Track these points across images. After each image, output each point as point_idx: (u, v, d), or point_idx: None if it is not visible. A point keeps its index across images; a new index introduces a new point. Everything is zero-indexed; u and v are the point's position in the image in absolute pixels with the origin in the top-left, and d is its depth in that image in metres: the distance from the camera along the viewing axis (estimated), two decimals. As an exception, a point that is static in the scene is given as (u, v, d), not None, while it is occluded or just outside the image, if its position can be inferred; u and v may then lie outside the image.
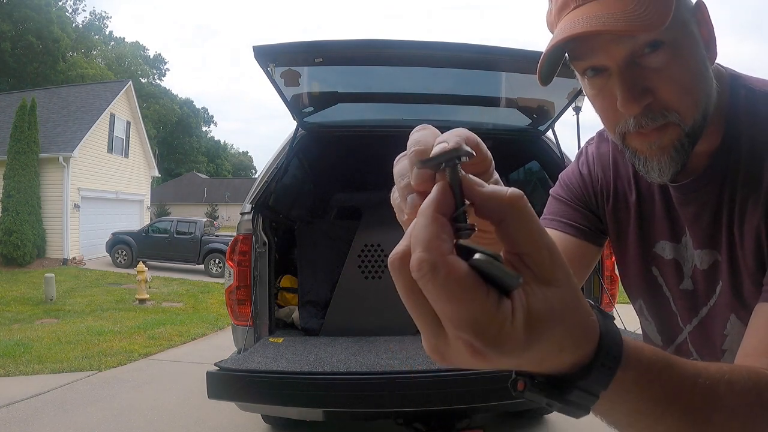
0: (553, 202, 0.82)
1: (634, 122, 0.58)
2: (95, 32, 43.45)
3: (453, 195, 0.31)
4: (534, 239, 0.31)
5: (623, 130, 0.61)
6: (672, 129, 0.58)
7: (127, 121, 18.51)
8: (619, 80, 0.57)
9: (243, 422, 3.30)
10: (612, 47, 0.56)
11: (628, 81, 0.56)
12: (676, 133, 0.59)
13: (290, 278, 3.09)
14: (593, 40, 0.56)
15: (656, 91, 0.57)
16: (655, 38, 0.54)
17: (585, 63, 0.59)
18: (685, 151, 0.60)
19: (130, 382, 4.37)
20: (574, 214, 0.79)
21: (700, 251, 0.68)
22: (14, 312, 8.12)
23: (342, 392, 1.93)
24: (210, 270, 13.45)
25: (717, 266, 0.66)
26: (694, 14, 0.59)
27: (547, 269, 0.31)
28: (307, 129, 2.83)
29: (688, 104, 0.58)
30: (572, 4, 0.56)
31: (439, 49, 2.21)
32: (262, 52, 2.08)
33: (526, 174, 4.01)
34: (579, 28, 0.53)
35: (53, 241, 14.67)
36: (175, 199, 39.66)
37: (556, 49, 0.57)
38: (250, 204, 2.57)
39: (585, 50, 0.58)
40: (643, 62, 0.56)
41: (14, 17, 29.65)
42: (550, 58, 0.58)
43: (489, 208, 0.31)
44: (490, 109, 2.95)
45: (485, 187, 0.31)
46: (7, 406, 3.68)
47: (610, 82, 0.58)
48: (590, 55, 0.58)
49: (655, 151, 0.60)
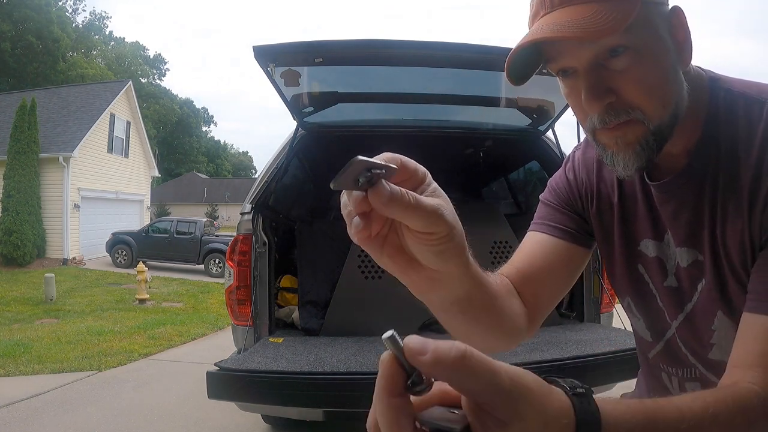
0: (542, 206, 0.85)
1: (599, 118, 0.62)
2: (95, 32, 43.44)
3: (401, 365, 0.33)
4: (484, 389, 0.33)
5: (591, 127, 0.64)
6: (636, 126, 0.61)
7: (127, 121, 18.51)
8: (583, 80, 0.61)
9: (243, 422, 3.30)
10: (577, 51, 0.60)
11: (591, 81, 0.61)
12: (641, 130, 0.61)
13: (290, 278, 3.09)
14: (561, 44, 0.61)
15: (619, 91, 0.60)
16: (618, 43, 0.58)
17: (556, 65, 0.64)
18: (651, 148, 0.62)
19: (130, 382, 4.37)
20: (561, 218, 0.81)
21: (681, 249, 0.70)
22: (14, 312, 8.12)
23: (342, 392, 1.93)
24: (210, 270, 13.45)
25: (698, 265, 0.68)
26: (669, 19, 0.61)
27: (504, 411, 0.33)
28: (307, 129, 2.83)
29: (654, 104, 0.60)
30: (541, 12, 0.61)
31: (439, 49, 2.21)
32: (262, 52, 2.08)
33: (526, 174, 4.01)
34: (539, 34, 0.58)
35: (53, 241, 14.67)
36: (175, 199, 39.65)
37: (524, 51, 0.61)
38: (250, 204, 2.57)
39: (555, 53, 0.62)
40: (607, 65, 0.60)
41: (14, 17, 29.64)
42: (519, 59, 0.63)
43: (437, 374, 0.33)
44: (490, 109, 2.95)
45: (426, 354, 0.32)
46: (7, 406, 3.68)
47: (578, 83, 0.62)
48: (560, 57, 0.62)
49: (621, 146, 0.63)
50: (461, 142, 3.47)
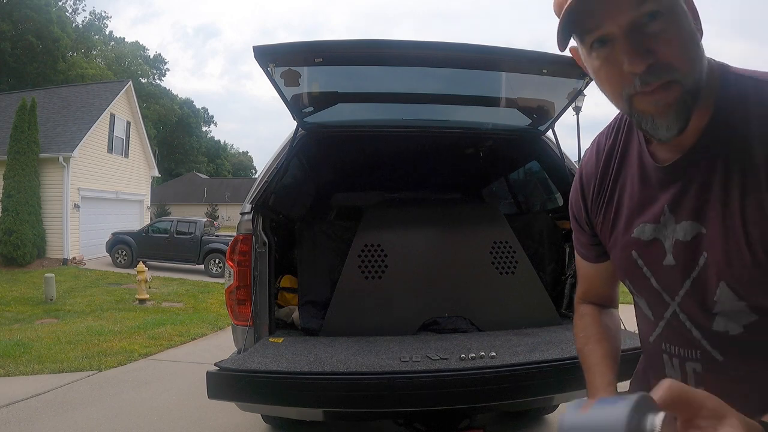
0: (573, 227, 0.97)
1: (640, 81, 0.65)
2: (95, 32, 43.42)
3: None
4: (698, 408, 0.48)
5: (630, 93, 0.67)
6: (674, 87, 0.65)
7: (127, 121, 18.50)
8: (625, 43, 0.65)
9: (243, 422, 3.30)
10: (616, 16, 0.64)
11: (633, 42, 0.64)
12: (679, 91, 0.65)
13: (290, 278, 3.09)
14: (600, 13, 0.65)
15: (657, 53, 0.64)
16: (654, 9, 0.63)
17: (592, 35, 0.67)
18: (688, 107, 0.66)
19: (130, 382, 4.37)
20: (584, 238, 0.94)
21: (684, 223, 0.73)
22: (14, 312, 8.12)
23: (342, 392, 1.92)
24: (210, 270, 13.45)
25: (700, 238, 0.71)
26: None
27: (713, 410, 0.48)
28: (307, 129, 2.83)
29: (687, 63, 0.65)
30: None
31: (440, 49, 2.21)
32: (262, 52, 2.08)
33: (526, 174, 4.01)
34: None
35: (53, 241, 14.67)
36: (175, 199, 39.66)
37: (569, 19, 0.66)
38: (250, 204, 2.57)
39: (592, 22, 0.66)
40: (644, 29, 0.64)
41: (14, 17, 29.64)
42: (565, 26, 0.67)
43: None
44: (490, 109, 2.95)
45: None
46: (7, 406, 3.68)
47: (615, 50, 0.66)
48: (597, 25, 0.66)
49: (662, 108, 0.66)
50: (461, 142, 3.47)
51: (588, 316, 0.95)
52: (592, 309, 0.96)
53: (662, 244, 0.76)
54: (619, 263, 0.85)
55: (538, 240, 3.04)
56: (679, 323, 0.78)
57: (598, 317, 0.94)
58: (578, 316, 0.97)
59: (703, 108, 0.68)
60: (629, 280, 0.84)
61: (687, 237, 0.72)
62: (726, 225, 0.68)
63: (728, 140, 0.67)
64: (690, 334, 0.76)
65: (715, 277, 0.70)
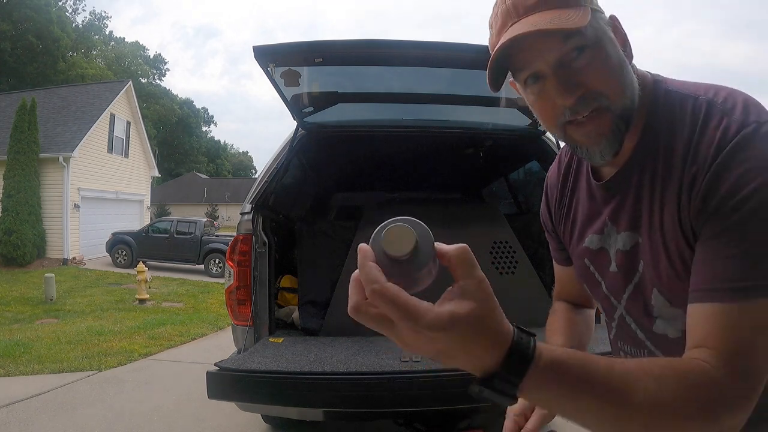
0: (545, 233, 1.03)
1: (570, 111, 0.69)
2: (95, 32, 43.43)
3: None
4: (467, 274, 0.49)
5: (563, 122, 0.70)
6: (605, 114, 0.68)
7: (127, 121, 18.50)
8: (554, 79, 0.68)
9: (243, 422, 3.30)
10: (545, 54, 0.67)
11: (561, 78, 0.68)
12: (609, 118, 0.68)
13: (290, 278, 3.09)
14: (530, 51, 0.68)
15: (586, 84, 0.67)
16: (580, 43, 0.66)
17: (525, 72, 0.70)
18: (621, 132, 0.70)
19: (130, 382, 4.38)
20: (555, 243, 1.00)
21: (623, 234, 0.77)
22: (14, 312, 8.12)
23: (342, 392, 1.93)
24: (210, 270, 13.45)
25: (638, 247, 0.75)
26: (609, 25, 0.71)
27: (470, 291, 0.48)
28: (307, 129, 2.83)
29: (616, 91, 0.68)
30: (510, 22, 0.68)
31: (440, 49, 2.21)
32: (262, 52, 2.08)
33: (526, 174, 4.01)
34: (519, 30, 0.65)
35: (53, 241, 14.67)
36: (175, 199, 39.65)
37: (501, 58, 0.69)
38: (250, 204, 2.57)
39: (524, 61, 0.69)
40: (572, 64, 0.67)
41: (14, 17, 29.63)
42: (497, 66, 0.70)
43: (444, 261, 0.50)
44: (490, 109, 2.95)
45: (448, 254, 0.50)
46: (7, 406, 3.68)
47: (547, 85, 0.69)
48: (528, 64, 0.69)
49: (594, 139, 0.70)
50: (461, 142, 3.47)
51: (557, 312, 1.01)
52: (564, 306, 1.02)
53: (608, 253, 0.81)
54: (577, 269, 0.91)
55: (538, 240, 3.04)
56: (626, 325, 0.83)
57: (566, 314, 1.00)
58: (551, 313, 1.03)
59: (635, 126, 0.72)
60: (586, 284, 0.90)
61: (626, 246, 0.77)
62: (652, 237, 0.72)
63: (655, 155, 0.71)
64: (636, 335, 0.81)
65: (650, 284, 0.74)
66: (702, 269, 0.63)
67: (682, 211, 0.66)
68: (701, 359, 0.57)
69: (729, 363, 0.56)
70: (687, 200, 0.65)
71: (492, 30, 0.73)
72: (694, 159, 0.65)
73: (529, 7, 0.67)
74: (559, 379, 0.50)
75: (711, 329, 0.59)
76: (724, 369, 0.56)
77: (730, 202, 0.60)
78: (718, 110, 0.65)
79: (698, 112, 0.67)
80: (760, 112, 0.64)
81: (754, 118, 0.63)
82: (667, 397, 0.53)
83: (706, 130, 0.65)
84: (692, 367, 0.56)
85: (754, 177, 0.59)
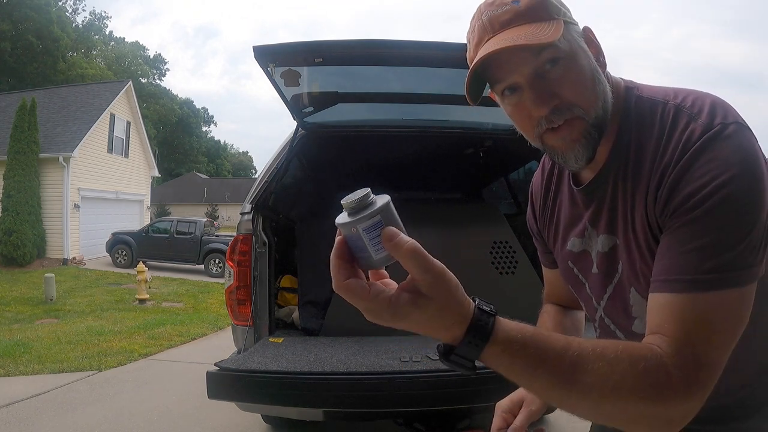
0: (533, 240, 1.05)
1: (546, 121, 0.71)
2: (95, 32, 43.41)
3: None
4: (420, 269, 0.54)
5: (539, 132, 0.73)
6: (578, 122, 0.71)
7: (127, 121, 18.50)
8: (530, 91, 0.71)
9: (243, 422, 3.30)
10: (520, 67, 0.70)
11: (536, 90, 0.70)
12: (582, 126, 0.71)
13: (290, 278, 3.09)
14: (507, 64, 0.70)
15: (560, 94, 0.70)
16: (553, 56, 0.69)
17: (502, 85, 0.73)
18: (594, 139, 0.72)
19: (130, 382, 4.38)
20: (540, 246, 1.03)
21: (602, 236, 0.80)
22: (14, 312, 8.12)
23: (342, 392, 1.93)
24: (210, 270, 13.45)
25: (616, 249, 0.78)
26: (582, 36, 0.74)
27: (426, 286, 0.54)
28: (307, 129, 2.83)
29: (589, 100, 0.71)
30: (486, 37, 0.71)
31: (439, 49, 2.21)
32: (262, 52, 2.08)
33: (526, 174, 4.01)
34: (496, 46, 0.68)
35: (53, 241, 14.67)
36: (175, 199, 39.64)
37: (478, 72, 0.72)
38: (250, 204, 2.57)
39: (501, 74, 0.72)
40: (546, 76, 0.70)
41: (14, 17, 29.63)
42: (475, 80, 0.73)
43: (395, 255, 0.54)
44: (490, 109, 2.94)
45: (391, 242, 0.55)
46: (7, 406, 3.68)
47: (523, 96, 0.72)
48: (505, 76, 0.72)
49: (568, 144, 0.72)
50: (461, 142, 3.47)
51: (546, 314, 1.04)
52: (552, 308, 1.05)
53: (590, 255, 0.84)
54: (562, 272, 0.94)
55: (538, 240, 3.04)
56: (605, 325, 0.86)
57: (555, 316, 1.03)
58: (540, 315, 1.06)
59: (609, 132, 0.75)
60: (571, 286, 0.93)
61: (605, 248, 0.80)
62: (627, 238, 0.75)
63: (627, 160, 0.74)
64: (615, 335, 0.84)
65: (627, 284, 0.77)
66: (661, 261, 0.66)
67: (649, 211, 0.70)
68: (656, 345, 0.60)
69: (680, 351, 0.59)
70: (653, 200, 0.69)
71: (470, 45, 0.76)
72: (660, 161, 0.68)
73: (503, 23, 0.70)
74: (513, 355, 0.56)
75: (666, 317, 0.62)
76: (676, 356, 0.58)
77: (691, 200, 0.64)
78: (685, 114, 0.68)
79: (666, 117, 0.70)
80: (726, 114, 0.66)
81: (719, 120, 0.66)
82: (617, 379, 0.56)
83: (674, 133, 0.68)
84: (645, 353, 0.59)
85: (715, 176, 0.63)
